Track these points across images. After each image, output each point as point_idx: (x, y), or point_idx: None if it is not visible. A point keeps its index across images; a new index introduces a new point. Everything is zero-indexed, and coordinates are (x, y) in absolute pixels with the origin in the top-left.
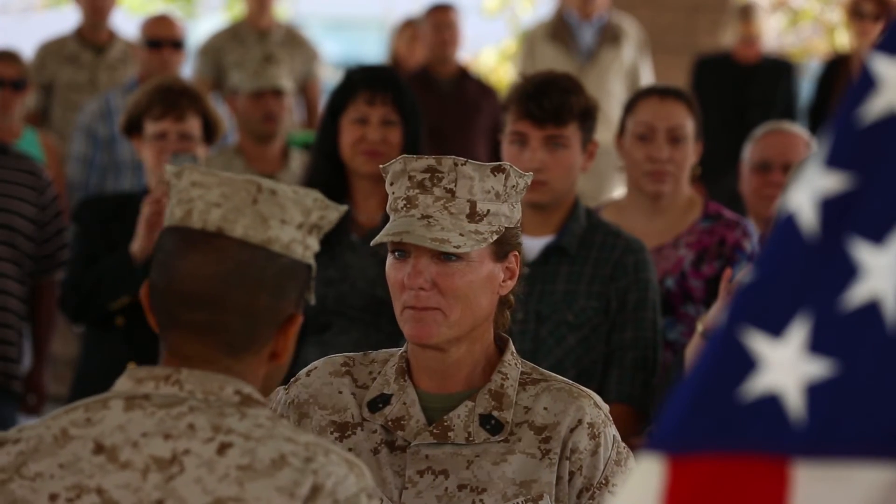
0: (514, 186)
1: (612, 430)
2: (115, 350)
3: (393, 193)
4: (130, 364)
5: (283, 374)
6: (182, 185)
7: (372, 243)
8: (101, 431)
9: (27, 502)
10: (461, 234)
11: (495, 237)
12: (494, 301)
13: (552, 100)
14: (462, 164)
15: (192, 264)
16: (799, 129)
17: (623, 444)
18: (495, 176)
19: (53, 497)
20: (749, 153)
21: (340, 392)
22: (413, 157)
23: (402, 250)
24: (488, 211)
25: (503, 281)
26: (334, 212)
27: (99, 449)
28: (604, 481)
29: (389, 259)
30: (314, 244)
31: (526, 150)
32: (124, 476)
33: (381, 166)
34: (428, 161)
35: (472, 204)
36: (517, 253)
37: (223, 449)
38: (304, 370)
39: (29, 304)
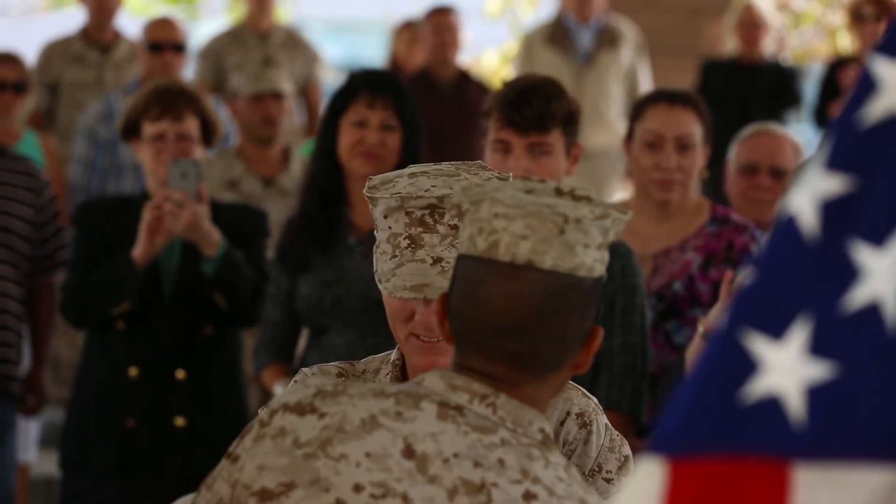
0: None
1: (604, 419)
2: (116, 354)
3: (390, 228)
4: (131, 369)
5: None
6: (483, 215)
7: (392, 294)
8: (411, 432)
9: (329, 484)
10: None
11: None
12: None
13: (534, 107)
14: None
15: (504, 298)
16: (785, 131)
17: (616, 432)
18: None
19: (358, 488)
20: (735, 155)
21: None
22: (412, 194)
23: None
24: None
25: None
26: (623, 224)
27: (409, 453)
28: (597, 468)
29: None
30: (607, 257)
31: (510, 158)
32: (430, 490)
33: (365, 193)
34: (429, 200)
35: None
36: None
37: (528, 497)
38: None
39: (28, 306)
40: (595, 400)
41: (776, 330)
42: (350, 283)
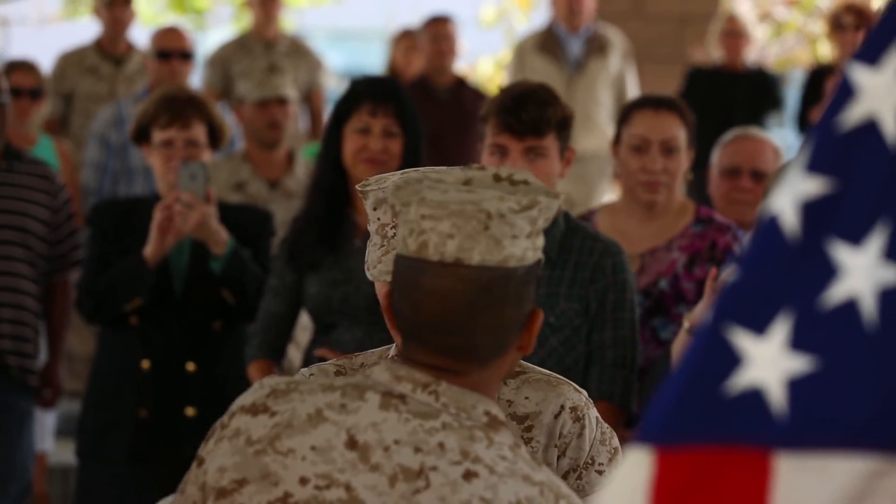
0: None
1: (595, 413)
2: (129, 348)
3: (378, 220)
4: (144, 362)
5: (520, 358)
6: (412, 216)
7: (377, 279)
8: (354, 423)
9: (278, 478)
10: None
11: None
12: None
13: (530, 112)
14: None
15: (436, 296)
16: (766, 135)
17: (606, 425)
18: None
19: (304, 480)
20: (718, 158)
21: None
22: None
23: None
24: None
25: None
26: (553, 209)
27: (352, 444)
28: (590, 461)
29: (380, 284)
30: (541, 242)
31: (506, 162)
32: (373, 478)
33: (357, 187)
34: None
35: None
36: None
37: (469, 476)
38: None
39: (44, 303)
40: (586, 394)
41: (759, 325)
42: (358, 283)
